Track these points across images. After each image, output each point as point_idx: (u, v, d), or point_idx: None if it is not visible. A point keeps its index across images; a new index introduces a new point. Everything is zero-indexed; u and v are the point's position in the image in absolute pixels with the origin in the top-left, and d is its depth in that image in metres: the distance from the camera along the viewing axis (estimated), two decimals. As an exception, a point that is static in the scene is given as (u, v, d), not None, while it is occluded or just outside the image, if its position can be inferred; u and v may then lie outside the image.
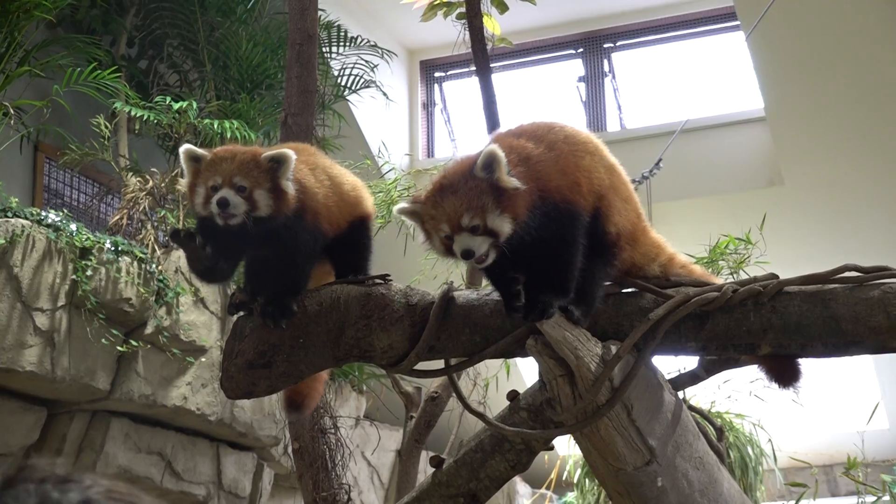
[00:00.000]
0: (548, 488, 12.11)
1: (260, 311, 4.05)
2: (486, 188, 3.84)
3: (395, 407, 10.98)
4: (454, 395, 4.72)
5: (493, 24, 8.13)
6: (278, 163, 4.04)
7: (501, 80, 14.67)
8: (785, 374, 4.24)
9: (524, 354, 4.00)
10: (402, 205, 4.08)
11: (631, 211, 4.22)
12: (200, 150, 4.11)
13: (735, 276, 9.14)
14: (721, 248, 9.58)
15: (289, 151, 4.08)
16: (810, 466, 10.84)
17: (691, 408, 5.30)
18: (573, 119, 14.33)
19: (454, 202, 3.87)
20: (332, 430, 7.56)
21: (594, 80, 14.95)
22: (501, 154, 3.85)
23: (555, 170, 3.95)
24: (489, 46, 7.72)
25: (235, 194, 3.97)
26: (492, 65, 7.66)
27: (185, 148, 4.12)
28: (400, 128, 14.83)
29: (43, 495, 1.30)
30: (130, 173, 10.77)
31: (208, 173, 4.04)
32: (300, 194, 4.12)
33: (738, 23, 12.88)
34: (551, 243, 3.88)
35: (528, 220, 3.84)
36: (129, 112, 10.82)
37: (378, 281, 4.18)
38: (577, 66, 15.08)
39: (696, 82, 14.38)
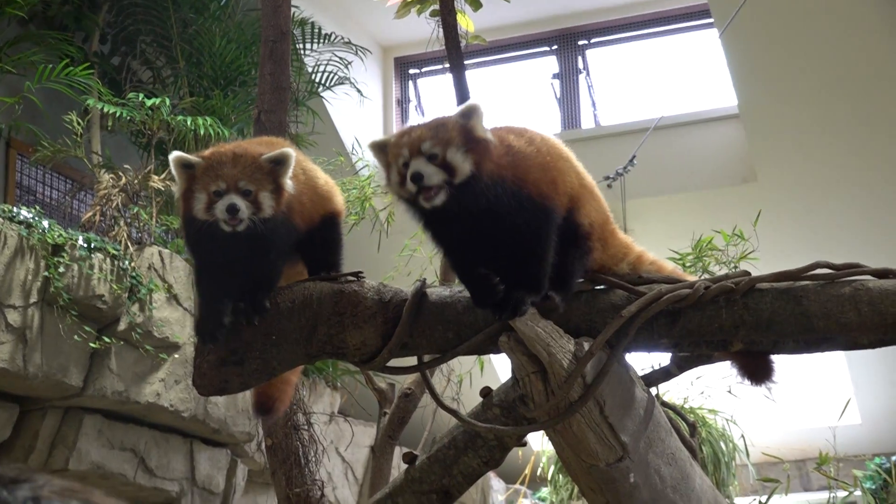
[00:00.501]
0: (522, 484, 12.13)
1: (233, 308, 4.04)
2: (457, 128, 3.91)
3: (369, 403, 10.99)
4: (427, 391, 4.72)
5: (467, 22, 8.14)
6: (279, 163, 4.05)
7: (476, 76, 14.69)
8: (758, 372, 4.26)
9: (497, 351, 4.01)
10: (374, 139, 4.12)
11: (600, 207, 4.26)
12: (193, 157, 4.07)
13: (736, 268, 9.15)
14: (708, 243, 9.60)
15: (289, 151, 4.09)
16: (783, 461, 10.90)
17: (664, 404, 5.32)
18: (547, 116, 14.38)
19: (421, 130, 3.96)
20: (306, 427, 7.56)
21: (568, 77, 14.96)
22: (482, 107, 3.92)
23: (535, 164, 3.99)
24: (463, 44, 7.72)
25: (242, 199, 3.96)
26: (466, 62, 7.66)
27: (175, 155, 4.06)
28: (374, 124, 14.82)
29: None
30: (103, 170, 10.74)
31: (208, 178, 4.00)
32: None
33: (711, 20, 12.92)
34: (524, 236, 3.90)
35: (493, 184, 3.87)
36: (102, 109, 10.79)
37: (351, 278, 4.18)
38: (551, 63, 15.10)
39: (669, 79, 14.42)
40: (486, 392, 4.52)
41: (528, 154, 4.01)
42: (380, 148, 4.06)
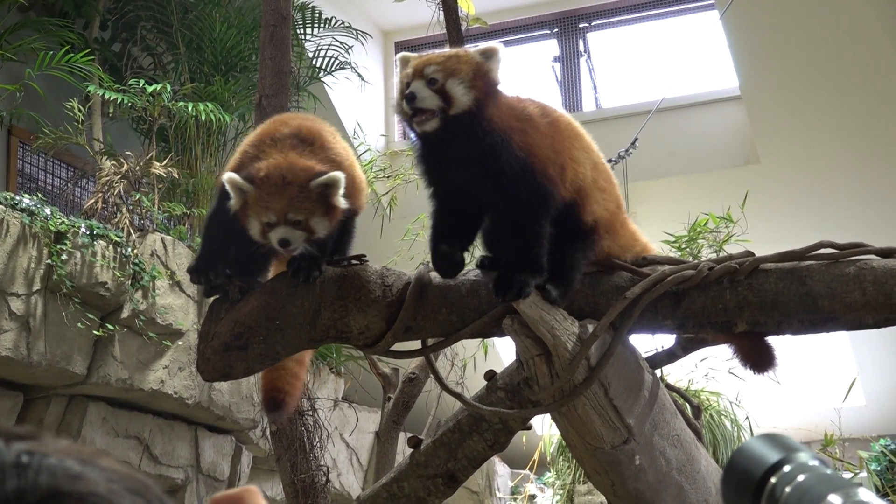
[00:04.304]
0: (530, 469, 12.14)
1: (293, 270, 4.04)
2: (470, 62, 3.92)
3: (373, 388, 10.98)
4: (431, 375, 4.72)
5: (468, 5, 8.12)
6: (329, 186, 3.97)
7: (477, 60, 14.62)
8: (760, 360, 4.26)
9: (501, 334, 4.00)
10: (406, 53, 4.15)
11: (609, 201, 4.23)
12: (245, 183, 3.98)
13: (718, 253, 9.16)
14: (701, 226, 9.60)
15: (338, 175, 3.98)
16: (787, 443, 10.87)
17: (669, 386, 5.32)
18: (549, 99, 14.32)
19: (432, 56, 3.99)
20: (310, 413, 7.56)
21: (569, 60, 14.92)
22: (503, 54, 4.02)
23: (548, 144, 3.99)
24: (464, 27, 7.70)
25: (293, 230, 3.94)
26: (467, 46, 7.64)
27: (229, 177, 3.98)
28: (375, 109, 14.79)
29: None
30: (105, 157, 10.73)
31: (259, 207, 3.96)
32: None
33: (713, 1, 12.89)
34: (518, 209, 3.88)
35: (493, 134, 3.89)
36: (103, 95, 10.77)
37: (354, 262, 4.17)
38: (552, 47, 15.06)
39: (671, 61, 14.38)
40: (490, 375, 4.52)
41: (547, 133, 4.00)
42: (403, 63, 4.06)
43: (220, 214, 4.10)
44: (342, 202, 4.00)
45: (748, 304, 3.94)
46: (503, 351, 11.92)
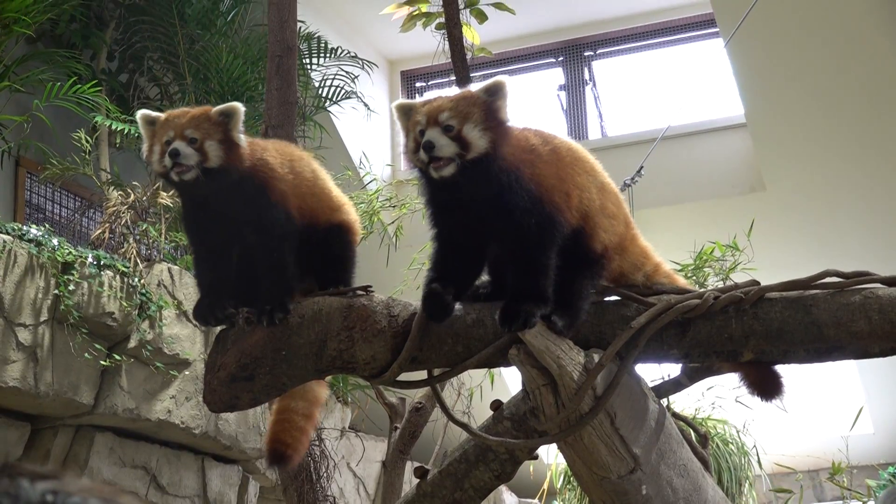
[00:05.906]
0: (539, 498, 12.10)
1: (257, 313, 4.06)
2: (480, 104, 3.92)
3: (380, 418, 10.97)
4: (438, 405, 4.72)
5: (473, 34, 8.15)
6: (228, 116, 4.19)
7: (482, 89, 14.63)
8: (767, 388, 4.26)
9: (507, 364, 4.00)
10: (402, 100, 4.15)
11: (618, 224, 4.23)
12: (155, 113, 4.29)
13: (725, 282, 9.16)
14: (707, 255, 9.59)
15: (237, 104, 4.23)
16: (795, 472, 10.86)
17: (675, 415, 5.31)
18: (554, 127, 14.33)
19: (442, 101, 3.99)
20: (317, 442, 7.56)
21: (575, 89, 14.95)
22: (509, 87, 3.94)
23: (552, 172, 4.00)
24: (469, 56, 7.73)
25: (187, 146, 4.11)
26: (472, 74, 7.67)
27: (141, 113, 4.30)
28: (381, 138, 14.81)
29: (8, 488, 1.27)
30: (112, 187, 10.74)
31: (162, 131, 4.19)
32: (262, 169, 4.22)
33: (717, 30, 12.92)
34: (527, 240, 3.89)
35: (507, 172, 3.90)
36: (110, 126, 10.79)
37: (360, 292, 4.18)
38: (557, 75, 15.10)
39: (676, 89, 14.40)
40: (496, 405, 4.52)
41: (550, 161, 4.02)
42: (404, 111, 4.08)
43: (200, 250, 4.24)
44: (241, 140, 4.18)
45: (754, 334, 3.94)
46: (509, 380, 11.90)
